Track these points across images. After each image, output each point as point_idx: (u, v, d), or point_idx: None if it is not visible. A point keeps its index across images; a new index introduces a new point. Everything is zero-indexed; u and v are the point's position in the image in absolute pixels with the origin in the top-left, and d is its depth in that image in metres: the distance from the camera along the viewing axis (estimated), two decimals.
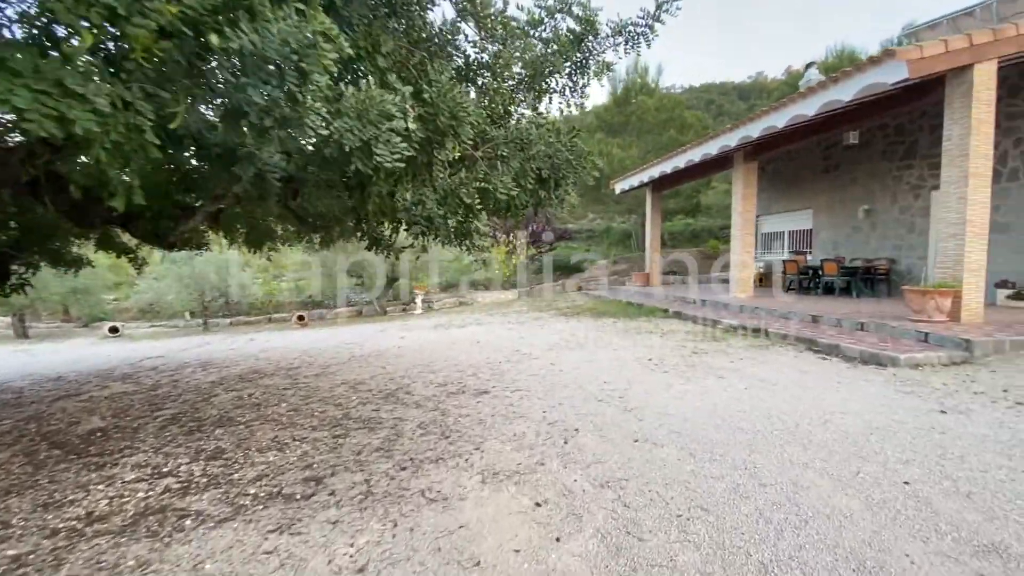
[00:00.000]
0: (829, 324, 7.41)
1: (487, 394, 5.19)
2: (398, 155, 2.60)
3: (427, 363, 7.00)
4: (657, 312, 10.52)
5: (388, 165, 2.55)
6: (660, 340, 7.60)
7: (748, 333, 7.64)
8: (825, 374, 5.19)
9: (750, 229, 11.31)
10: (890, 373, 5.08)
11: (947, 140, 6.73)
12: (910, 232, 10.53)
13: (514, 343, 8.11)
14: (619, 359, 6.42)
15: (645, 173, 14.08)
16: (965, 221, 6.50)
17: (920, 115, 10.26)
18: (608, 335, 8.31)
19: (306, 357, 8.33)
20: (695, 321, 9.14)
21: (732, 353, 6.45)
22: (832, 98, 7.32)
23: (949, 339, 5.66)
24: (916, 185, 10.37)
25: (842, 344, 6.03)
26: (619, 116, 22.62)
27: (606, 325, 9.42)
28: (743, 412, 4.17)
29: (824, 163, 12.86)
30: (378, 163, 2.54)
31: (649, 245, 16.28)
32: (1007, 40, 6.33)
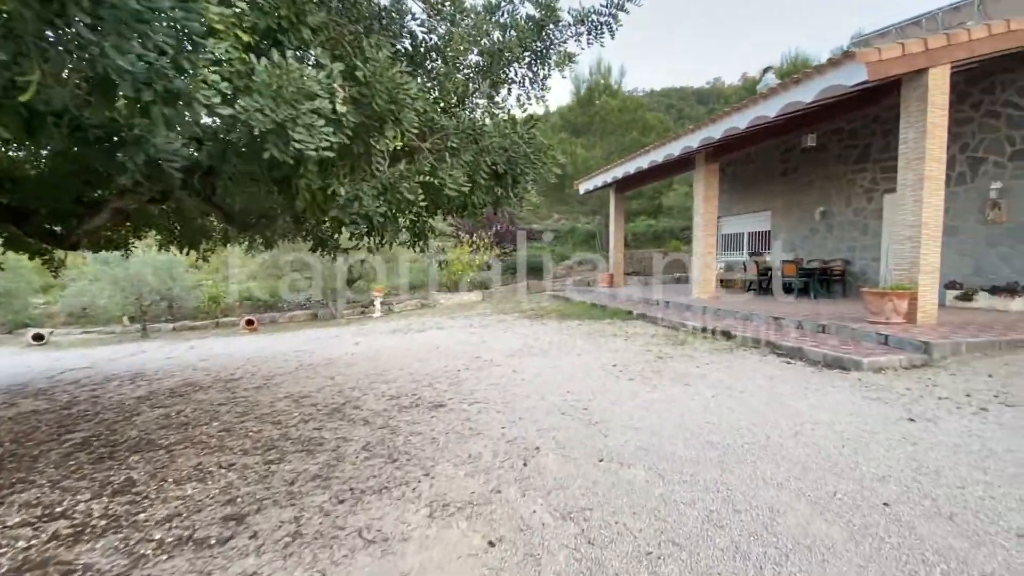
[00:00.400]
0: (791, 326, 7.39)
1: (443, 407, 4.82)
2: (325, 142, 2.21)
3: (380, 372, 6.55)
4: (621, 314, 10.37)
5: (312, 153, 2.15)
6: (625, 344, 7.40)
7: (712, 336, 7.54)
8: (791, 380, 5.07)
9: (712, 230, 11.33)
10: (855, 378, 5.00)
11: (903, 143, 6.80)
12: (863, 234, 10.77)
13: (475, 349, 7.75)
14: (583, 365, 6.16)
15: (609, 173, 13.98)
16: (921, 223, 6.57)
17: (873, 120, 10.51)
18: (572, 339, 8.06)
19: (250, 366, 7.72)
20: (659, 323, 9.01)
21: (698, 357, 6.30)
22: (793, 99, 7.30)
23: (908, 342, 5.66)
24: (869, 188, 10.61)
25: (805, 347, 5.97)
26: (583, 117, 22.58)
27: (571, 328, 9.18)
28: (712, 424, 3.95)
29: (782, 166, 13.08)
30: (299, 151, 2.14)
31: (613, 246, 16.22)
32: (960, 45, 6.43)
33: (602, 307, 11.60)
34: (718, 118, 9.10)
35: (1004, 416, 3.81)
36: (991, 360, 5.34)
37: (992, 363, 5.23)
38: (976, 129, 8.58)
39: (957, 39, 6.37)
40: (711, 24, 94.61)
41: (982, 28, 6.48)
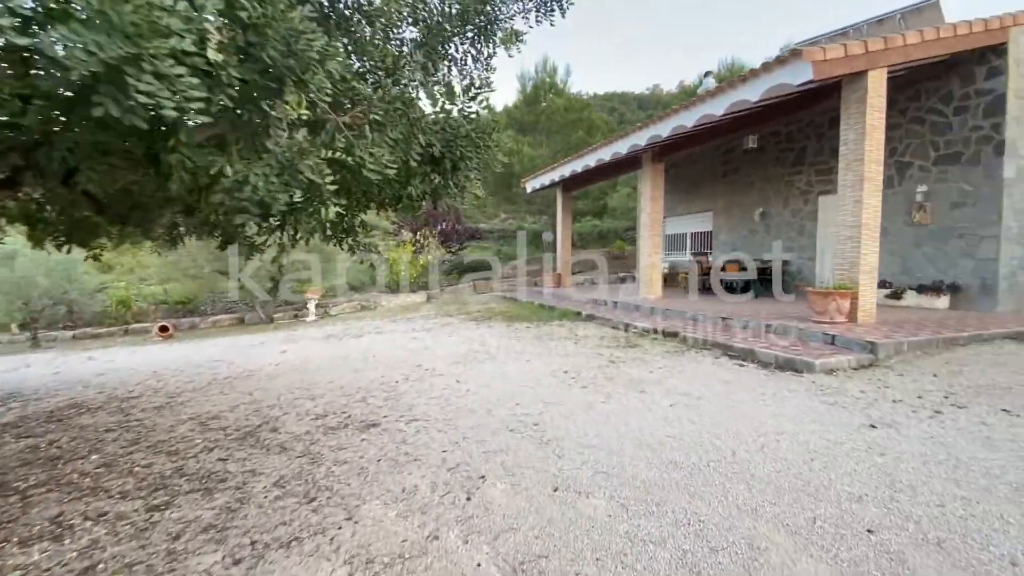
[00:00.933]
0: (739, 326, 7.34)
1: (376, 427, 4.23)
2: (195, 103, 1.63)
3: (307, 386, 5.84)
4: (570, 315, 10.09)
5: (171, 113, 1.57)
6: (575, 347, 7.07)
7: (663, 337, 7.36)
8: (748, 385, 4.89)
9: (658, 230, 11.30)
10: (809, 380, 4.89)
11: (843, 145, 6.88)
12: (800, 235, 11.09)
13: (416, 356, 7.16)
14: (533, 372, 5.74)
15: (556, 172, 13.73)
16: (861, 224, 6.67)
17: (808, 124, 10.83)
18: (521, 343, 7.64)
19: (154, 381, 6.75)
20: (609, 324, 8.79)
21: (650, 361, 6.05)
22: (740, 98, 7.25)
23: (855, 342, 5.67)
24: (805, 190, 10.94)
25: (757, 349, 5.86)
26: (529, 115, 22.33)
27: (519, 331, 8.77)
28: (673, 439, 3.63)
29: (723, 167, 13.32)
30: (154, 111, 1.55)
31: (560, 245, 16.02)
32: (896, 49, 6.56)
33: (551, 308, 11.29)
34: (666, 116, 9.00)
35: (959, 420, 3.74)
36: (932, 359, 5.41)
37: (934, 362, 5.29)
38: (903, 135, 8.95)
39: (894, 43, 6.50)
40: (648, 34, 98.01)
41: (915, 34, 6.66)
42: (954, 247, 8.24)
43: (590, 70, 74.07)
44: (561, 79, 22.95)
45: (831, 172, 10.36)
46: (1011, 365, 5.07)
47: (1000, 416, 3.77)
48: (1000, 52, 7.54)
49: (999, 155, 7.63)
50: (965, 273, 8.11)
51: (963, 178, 8.10)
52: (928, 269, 8.64)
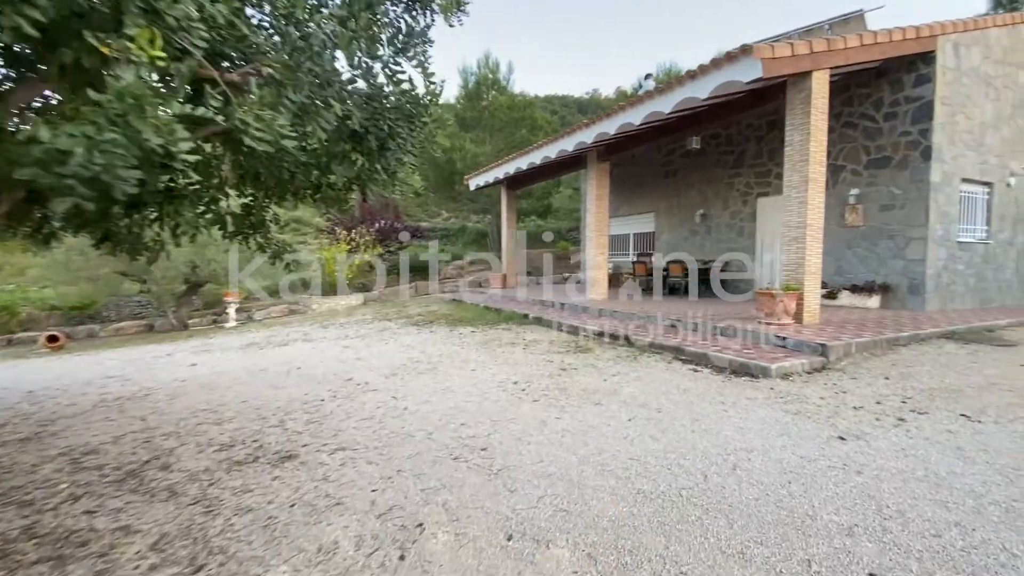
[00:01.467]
0: (688, 329, 7.19)
1: (293, 460, 3.56)
2: None
3: (215, 407, 5.01)
4: (517, 318, 9.65)
5: None
6: (524, 354, 6.62)
7: (613, 341, 7.07)
8: (705, 393, 4.62)
9: (604, 230, 11.12)
10: (766, 387, 4.69)
11: (788, 146, 6.88)
12: (740, 236, 11.28)
13: (348, 367, 6.44)
14: (479, 385, 5.22)
15: (500, 169, 13.27)
16: (806, 225, 6.67)
17: (747, 127, 11.02)
18: (466, 349, 7.10)
19: (27, 404, 5.63)
20: (557, 328, 8.43)
21: (603, 368, 5.70)
22: (689, 95, 7.09)
23: (805, 344, 5.59)
24: (744, 192, 11.13)
25: (710, 352, 5.65)
26: (472, 111, 21.76)
27: (463, 336, 8.21)
28: (637, 461, 3.24)
29: (665, 169, 13.40)
30: None
31: (505, 245, 15.59)
32: (837, 52, 6.61)
33: (496, 310, 10.80)
34: (613, 113, 8.76)
35: (924, 428, 3.61)
36: (879, 360, 5.41)
37: (882, 363, 5.29)
38: (836, 139, 9.22)
39: (836, 45, 6.55)
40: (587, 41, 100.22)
41: (855, 37, 6.75)
42: (884, 248, 8.55)
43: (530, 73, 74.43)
44: (504, 76, 22.56)
45: (769, 175, 10.59)
46: (954, 366, 5.14)
47: (962, 423, 3.67)
48: (928, 60, 7.87)
49: (926, 160, 7.96)
50: (895, 273, 8.44)
51: (892, 182, 8.42)
52: (860, 269, 8.94)
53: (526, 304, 11.40)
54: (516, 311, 10.20)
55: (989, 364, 5.21)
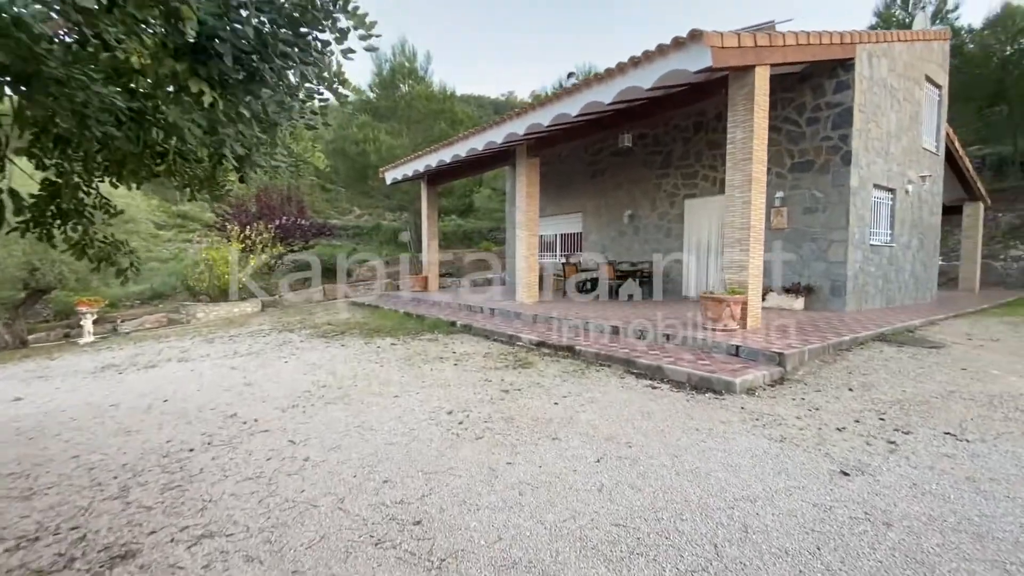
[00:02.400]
0: (632, 336, 6.67)
1: (129, 562, 2.38)
2: None
3: (28, 468, 3.55)
4: (443, 326, 8.67)
5: None
6: (456, 372, 5.69)
7: (555, 353, 6.36)
8: (673, 417, 4.01)
9: (535, 229, 10.47)
10: (736, 406, 4.19)
11: (731, 143, 6.59)
12: (667, 237, 11.17)
13: (234, 397, 5.11)
14: (405, 417, 4.23)
15: (421, 162, 12.16)
16: (749, 226, 6.41)
17: (674, 127, 10.92)
18: (386, 368, 6.02)
19: None
20: (491, 337, 7.58)
21: (550, 386, 4.94)
22: (632, 84, 6.58)
23: (760, 353, 5.23)
24: (672, 193, 11.03)
25: (664, 365, 5.11)
26: (386, 100, 20.28)
27: (382, 349, 7.09)
28: (625, 527, 2.48)
29: (592, 168, 13.08)
30: None
31: (426, 245, 14.48)
32: (777, 49, 6.42)
33: (418, 317, 9.73)
34: (547, 103, 8.09)
35: (919, 453, 3.22)
36: (833, 368, 5.18)
37: (837, 372, 5.04)
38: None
39: (776, 41, 6.35)
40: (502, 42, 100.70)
41: (792, 36, 6.62)
42: (808, 250, 8.70)
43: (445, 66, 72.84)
44: (421, 66, 21.29)
45: (696, 176, 10.54)
46: (905, 373, 5.00)
47: (952, 444, 3.35)
48: (848, 67, 8.05)
49: (847, 165, 8.15)
50: (817, 275, 8.60)
51: (815, 185, 8.57)
52: (785, 271, 9.04)
53: (451, 309, 10.43)
54: (441, 318, 9.20)
55: (934, 369, 5.15)
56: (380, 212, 27.27)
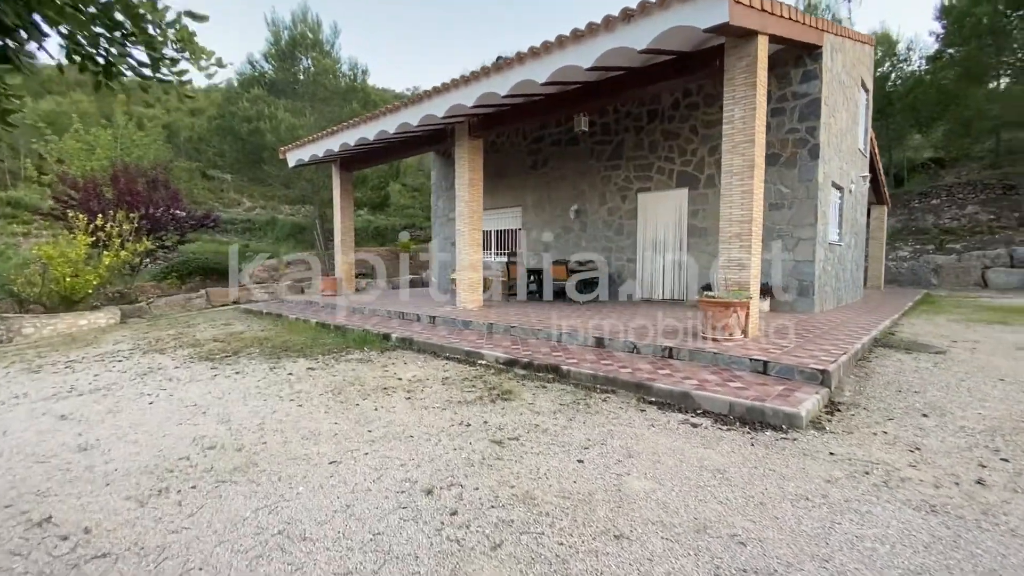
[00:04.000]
0: (622, 349, 5.54)
1: None
2: None
3: None
4: (374, 340, 6.93)
5: None
6: (413, 411, 4.12)
7: (533, 374, 5.02)
8: (757, 477, 2.85)
9: (479, 223, 9.04)
10: (821, 451, 3.14)
11: (728, 123, 5.71)
12: (618, 234, 10.32)
13: (54, 477, 3.10)
14: (358, 509, 2.62)
15: (335, 139, 10.14)
16: (751, 219, 5.56)
17: (625, 115, 10.09)
18: (308, 408, 4.26)
19: None
20: (440, 355, 6.04)
21: (556, 431, 3.58)
22: (620, 44, 5.43)
23: (796, 369, 4.31)
24: (623, 187, 10.18)
25: (691, 391, 4.00)
26: (284, 72, 17.54)
27: (297, 378, 5.25)
28: None
29: (532, 158, 11.92)
30: None
31: (339, 241, 12.39)
32: (776, 18, 5.65)
33: (339, 328, 7.85)
34: (507, 67, 6.70)
35: None
36: (873, 384, 4.42)
37: (882, 390, 4.27)
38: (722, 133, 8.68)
39: (776, 9, 5.56)
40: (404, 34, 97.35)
41: (786, 7, 5.88)
42: (774, 248, 8.21)
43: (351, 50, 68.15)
44: (327, 39, 18.79)
45: (651, 168, 9.77)
46: (955, 387, 4.35)
47: None
48: (816, 57, 7.63)
49: (814, 159, 7.74)
50: (784, 274, 8.14)
51: (781, 180, 8.10)
52: None
53: (380, 318, 8.66)
54: (370, 329, 7.43)
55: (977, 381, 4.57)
56: (277, 204, 24.04)
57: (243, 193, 23.64)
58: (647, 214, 9.87)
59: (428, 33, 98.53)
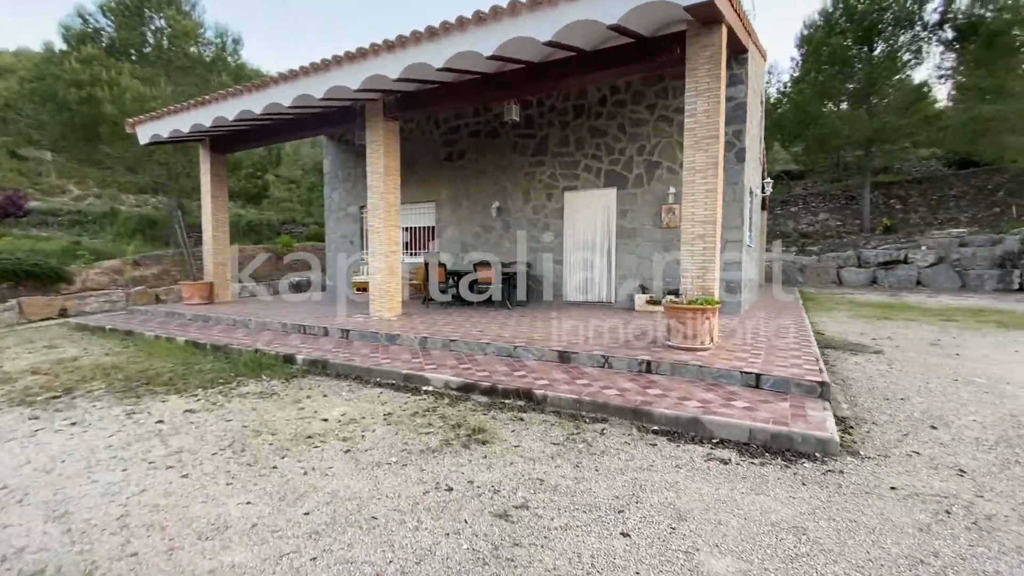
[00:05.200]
0: (592, 364, 4.89)
1: None
2: None
3: None
4: (273, 364, 5.48)
5: None
6: (359, 473, 3.01)
7: (500, 402, 4.14)
8: (836, 531, 2.32)
9: (396, 219, 7.87)
10: (879, 484, 2.73)
11: (690, 116, 5.34)
12: (545, 233, 9.76)
13: None
14: None
15: (207, 111, 8.18)
16: (715, 219, 5.25)
17: (550, 109, 9.56)
18: (195, 481, 2.92)
19: None
20: (370, 381, 4.87)
21: (565, 486, 2.77)
22: (588, 16, 4.75)
23: (792, 382, 3.98)
24: (549, 184, 9.65)
25: (700, 417, 3.44)
26: (129, 32, 14.30)
27: (170, 430, 3.75)
28: None
29: (446, 149, 10.90)
30: None
31: (211, 238, 10.25)
32: (734, 10, 5.40)
33: (220, 349, 6.18)
34: (444, 33, 5.66)
35: None
36: (858, 392, 4.23)
37: (872, 399, 4.09)
38: (651, 132, 8.55)
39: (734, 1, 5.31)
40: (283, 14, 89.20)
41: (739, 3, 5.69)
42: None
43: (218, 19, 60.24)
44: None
45: (577, 166, 9.36)
46: (930, 392, 4.33)
47: None
48: (742, 61, 7.71)
49: (741, 162, 7.84)
50: None
51: None
52: (677, 273, 8.45)
53: (274, 333, 7.07)
54: (264, 349, 5.92)
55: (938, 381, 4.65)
56: (117, 193, 19.89)
57: (70, 178, 19.14)
58: (574, 214, 9.44)
59: (310, 10, 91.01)
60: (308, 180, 28.43)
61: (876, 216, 19.00)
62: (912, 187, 19.79)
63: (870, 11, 17.93)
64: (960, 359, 5.51)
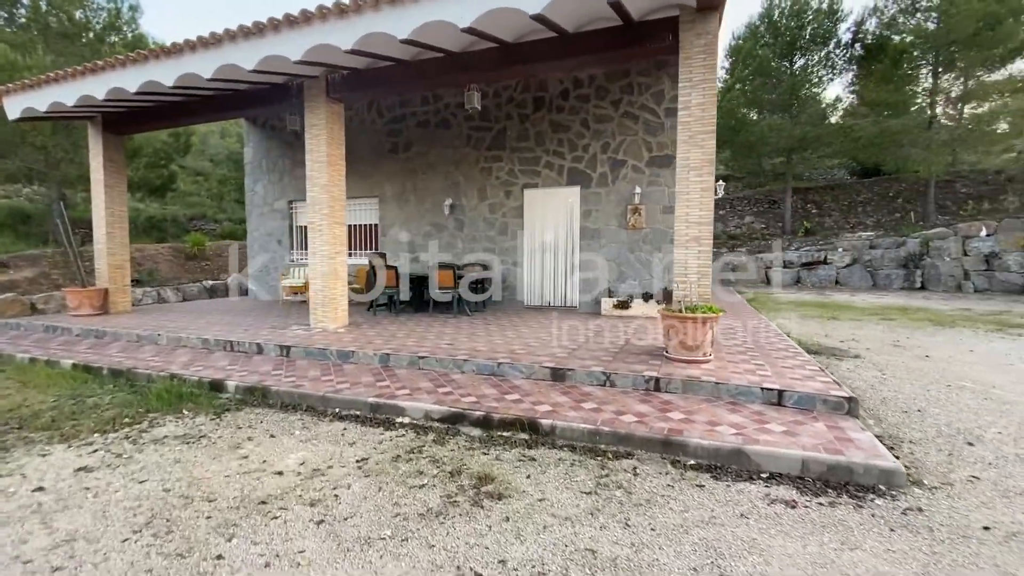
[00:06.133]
0: (592, 383, 4.34)
1: None
2: None
3: None
4: (197, 395, 4.40)
5: None
6: (344, 558, 2.22)
7: (498, 435, 3.47)
8: None
9: (341, 216, 6.89)
10: (973, 527, 2.39)
11: (684, 110, 4.96)
12: (502, 234, 9.14)
13: None
14: None
15: (100, 80, 6.68)
16: (710, 221, 4.91)
17: (508, 101, 8.95)
18: None
19: None
20: (326, 413, 3.99)
21: (626, 558, 2.18)
22: None
23: (818, 399, 3.66)
24: (508, 181, 9.03)
25: (743, 448, 3.00)
26: None
27: (56, 502, 2.70)
28: None
29: (391, 140, 9.94)
30: None
31: (105, 236, 8.61)
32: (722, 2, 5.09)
33: (121, 375, 4.95)
34: (379, 3, 4.85)
35: None
36: (866, 405, 4.01)
37: (889, 411, 3.87)
38: (616, 129, 8.20)
39: None
40: None
41: None
42: (668, 253, 7.98)
43: None
44: None
45: (538, 163, 8.83)
46: (937, 401, 4.20)
47: None
48: None
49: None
50: None
51: (674, 183, 7.88)
52: (644, 275, 8.18)
53: (192, 351, 5.87)
54: (183, 374, 4.79)
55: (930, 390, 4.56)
56: None
57: None
58: (535, 213, 8.90)
59: None
60: (219, 172, 25.75)
61: (796, 219, 20.27)
62: (826, 193, 21.37)
63: (791, 27, 19.08)
64: (932, 361, 5.59)
